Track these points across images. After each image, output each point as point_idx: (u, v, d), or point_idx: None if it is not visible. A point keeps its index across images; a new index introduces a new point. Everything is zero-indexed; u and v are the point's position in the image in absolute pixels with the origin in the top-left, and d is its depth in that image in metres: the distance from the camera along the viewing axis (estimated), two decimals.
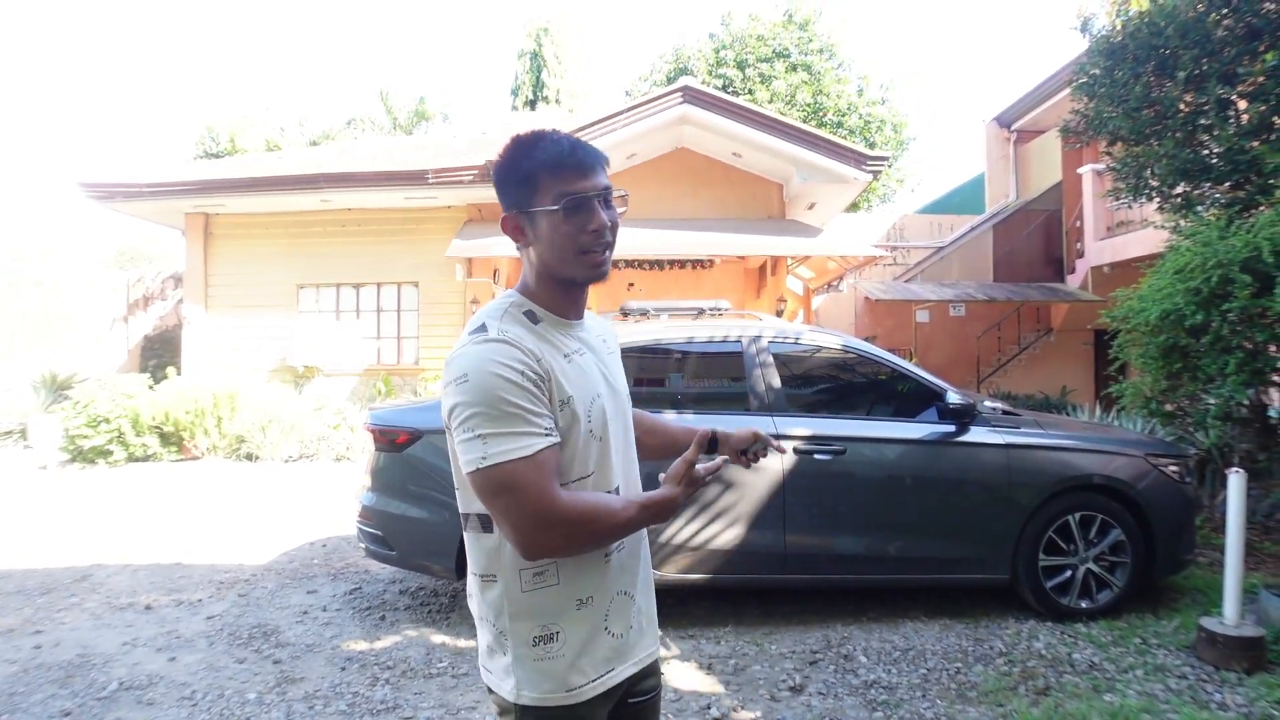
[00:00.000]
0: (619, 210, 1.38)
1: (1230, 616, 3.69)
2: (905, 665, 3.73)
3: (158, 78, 63.83)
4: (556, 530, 1.23)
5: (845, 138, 18.49)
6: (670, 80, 18.76)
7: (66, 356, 14.27)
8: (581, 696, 1.35)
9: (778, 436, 4.12)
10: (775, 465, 4.11)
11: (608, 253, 1.36)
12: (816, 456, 4.14)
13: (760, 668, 3.71)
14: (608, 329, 1.56)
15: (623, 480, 1.43)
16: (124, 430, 9.89)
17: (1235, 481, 3.71)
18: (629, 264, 14.75)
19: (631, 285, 15.07)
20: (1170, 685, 3.46)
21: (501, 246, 11.30)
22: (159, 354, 14.99)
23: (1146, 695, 3.36)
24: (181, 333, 13.04)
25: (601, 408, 1.37)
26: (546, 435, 1.25)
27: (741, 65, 22.31)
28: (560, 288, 1.39)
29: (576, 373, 1.35)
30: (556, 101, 25.36)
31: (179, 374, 11.77)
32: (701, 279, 13.24)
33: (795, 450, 4.13)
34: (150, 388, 10.54)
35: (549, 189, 1.30)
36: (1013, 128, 16.51)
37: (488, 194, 11.77)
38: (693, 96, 11.05)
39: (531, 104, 25.42)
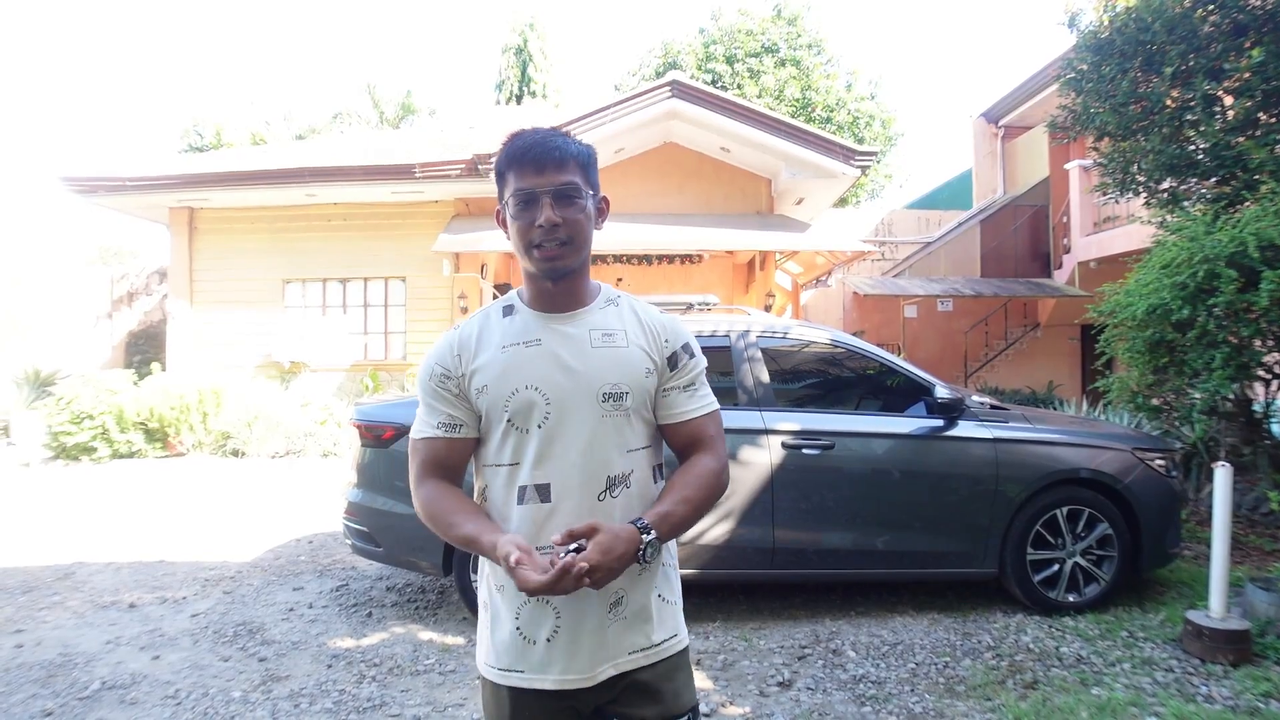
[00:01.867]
0: (585, 214, 1.38)
1: (1216, 610, 3.71)
2: (894, 660, 3.73)
3: (142, 71, 63.23)
4: (419, 508, 1.43)
5: (834, 133, 18.50)
6: (659, 75, 18.72)
7: (50, 353, 14.13)
8: (493, 678, 1.42)
9: (766, 431, 4.11)
10: (764, 460, 4.10)
11: (563, 249, 1.36)
12: (804, 451, 4.13)
13: (749, 663, 3.70)
14: (628, 324, 1.46)
15: (556, 479, 1.37)
16: (108, 427, 9.80)
17: (1221, 475, 3.73)
18: (617, 259, 14.71)
19: (620, 280, 15.04)
20: (1157, 678, 3.47)
21: (489, 241, 11.25)
22: (143, 350, 14.86)
23: (1134, 688, 3.37)
24: (166, 328, 12.93)
25: (528, 400, 1.36)
26: (433, 428, 1.43)
27: (731, 60, 22.29)
28: (529, 280, 1.44)
29: (506, 365, 1.38)
30: (543, 96, 25.27)
31: (164, 370, 11.66)
32: (690, 274, 13.23)
33: (784, 445, 4.12)
34: (134, 384, 10.44)
35: (509, 185, 1.37)
36: (1000, 123, 16.57)
37: (475, 188, 11.73)
38: (681, 91, 11.02)
39: (518, 99, 25.32)
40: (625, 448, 1.41)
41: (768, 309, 11.63)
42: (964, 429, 4.24)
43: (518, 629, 1.39)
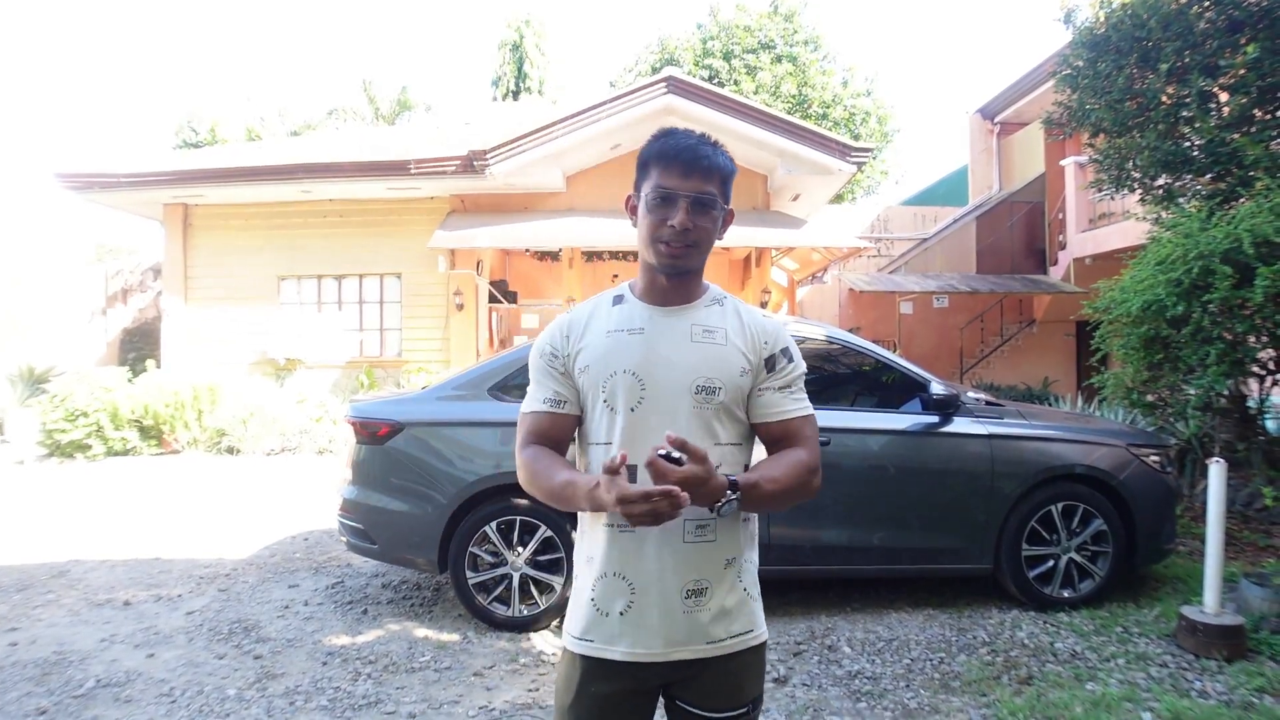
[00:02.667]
0: (715, 224, 1.46)
1: (1210, 605, 3.73)
2: (889, 655, 3.74)
3: (136, 67, 62.93)
4: (520, 472, 1.52)
5: (830, 129, 18.50)
6: (656, 71, 18.69)
7: (44, 350, 14.07)
8: (570, 646, 1.50)
9: None
10: (761, 456, 4.09)
11: (688, 251, 1.44)
12: None
13: None
14: (730, 324, 1.50)
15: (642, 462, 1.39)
16: (102, 424, 9.76)
17: (1216, 471, 3.74)
18: (613, 255, 14.71)
19: (616, 276, 15.04)
20: (1152, 673, 3.48)
21: (485, 238, 11.23)
22: (138, 347, 14.82)
23: (1128, 684, 3.38)
24: (161, 325, 12.87)
25: (623, 384, 1.44)
26: (539, 402, 1.53)
27: (728, 56, 22.27)
28: (645, 272, 1.52)
29: (609, 348, 1.47)
30: (539, 93, 25.22)
31: (158, 367, 11.62)
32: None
33: None
34: (129, 381, 10.40)
35: (651, 179, 1.44)
36: (996, 120, 16.57)
37: (470, 184, 11.69)
38: (677, 87, 11.00)
39: (514, 95, 25.27)
40: (713, 440, 1.45)
41: (764, 305, 11.62)
42: (959, 425, 4.24)
43: (593, 600, 1.47)
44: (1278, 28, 6.18)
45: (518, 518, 4.11)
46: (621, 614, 1.44)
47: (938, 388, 4.25)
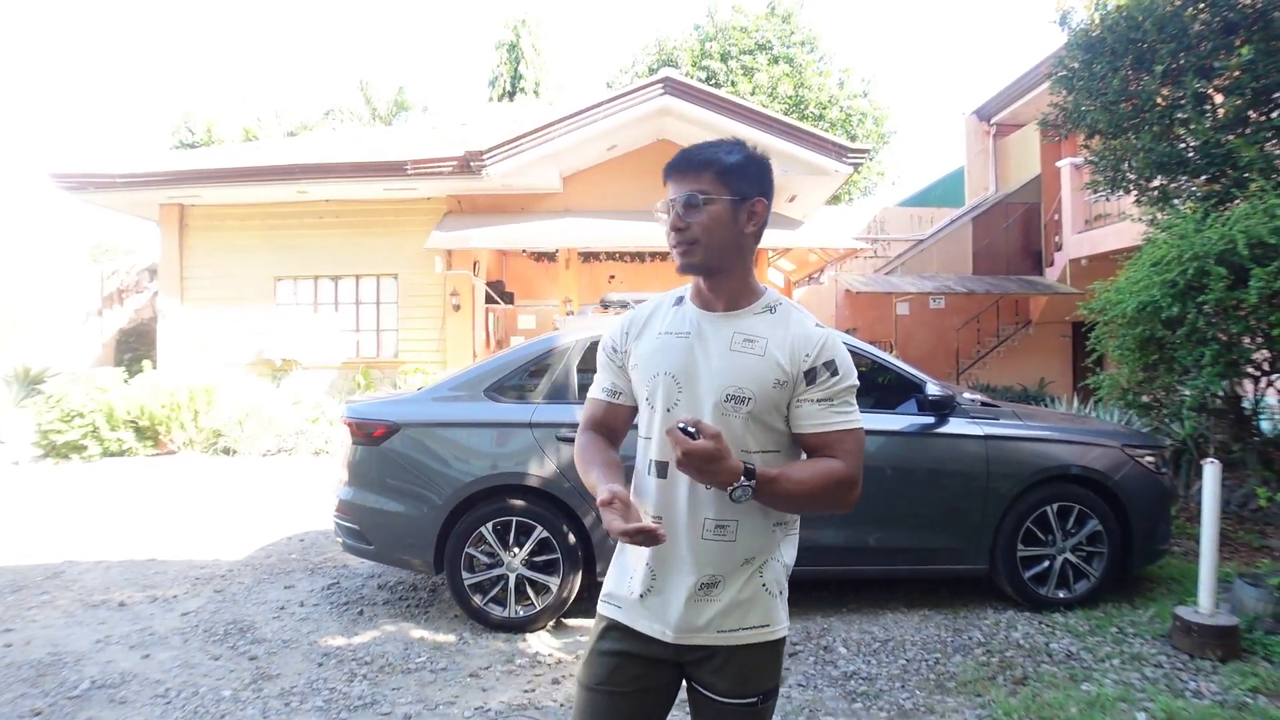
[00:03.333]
0: (715, 218, 1.49)
1: (1205, 605, 3.74)
2: (884, 656, 3.75)
3: (134, 67, 62.83)
4: (575, 454, 1.65)
5: (827, 130, 18.51)
6: (653, 71, 18.70)
7: (39, 350, 14.04)
8: (600, 608, 1.63)
9: None
10: None
11: (691, 248, 1.50)
12: None
13: None
14: (775, 333, 1.52)
15: (671, 460, 1.45)
16: (98, 425, 9.74)
17: (1210, 472, 3.75)
18: (610, 256, 14.72)
19: (612, 278, 15.06)
20: (1146, 674, 3.49)
21: (481, 238, 11.22)
22: (134, 348, 14.78)
23: (1123, 684, 3.39)
24: (157, 326, 12.85)
25: (663, 385, 1.52)
26: (600, 390, 1.67)
27: (725, 57, 22.28)
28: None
29: (656, 349, 1.56)
30: (535, 93, 25.22)
31: (154, 368, 11.60)
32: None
33: None
34: (125, 381, 10.38)
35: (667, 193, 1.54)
36: (992, 121, 16.60)
37: (467, 185, 11.69)
38: (674, 88, 11.01)
39: (510, 95, 25.27)
40: (740, 447, 1.46)
41: None
42: (955, 426, 4.25)
43: (629, 576, 1.58)
44: (1272, 29, 6.20)
45: (514, 518, 4.11)
46: (641, 597, 1.54)
47: (933, 388, 4.25)
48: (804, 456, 1.55)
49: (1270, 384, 5.48)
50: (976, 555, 4.25)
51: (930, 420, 4.26)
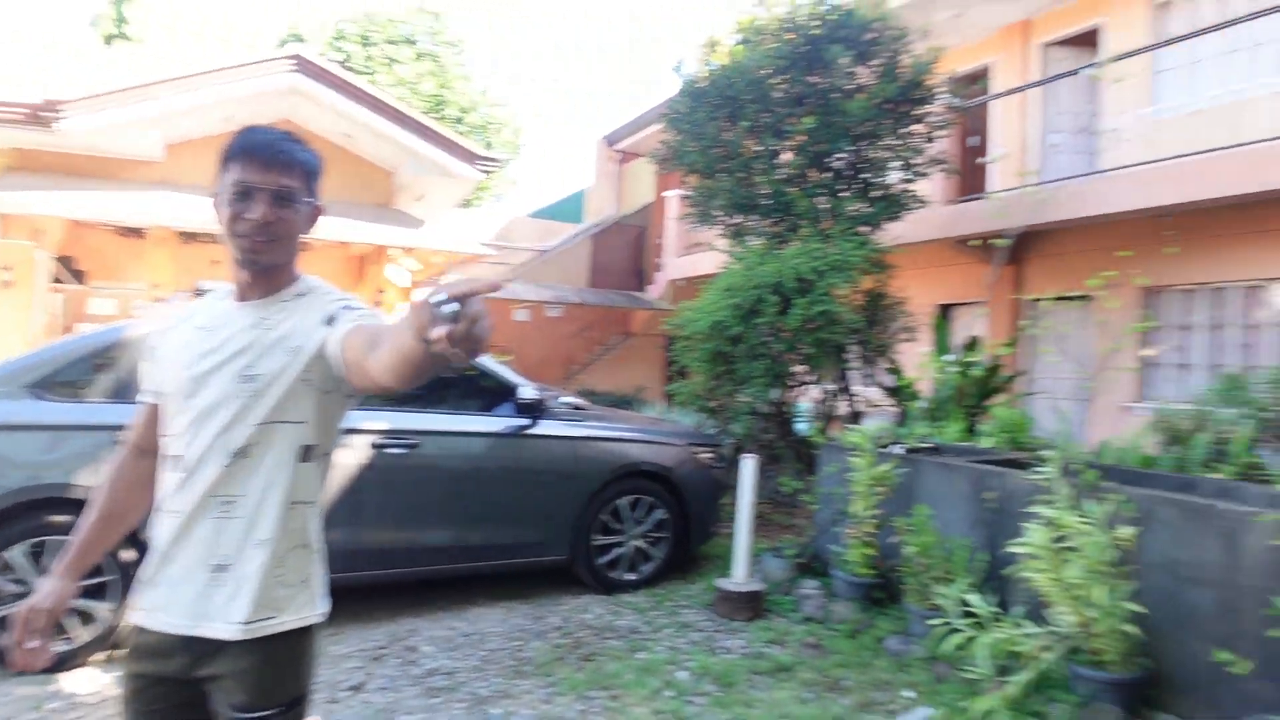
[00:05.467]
0: (299, 217, 1.47)
1: (739, 576, 4.40)
2: (467, 650, 3.78)
3: None
4: None
5: (465, 134, 18.49)
6: (284, 44, 16.96)
7: None
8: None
9: (354, 431, 3.86)
10: (351, 460, 3.87)
11: (270, 245, 1.43)
12: (389, 450, 4.01)
13: (321, 672, 3.43)
14: (299, 312, 1.48)
15: (186, 452, 1.42)
16: None
17: (746, 465, 4.46)
18: (215, 241, 12.92)
19: (216, 262, 13.24)
20: (692, 638, 4.00)
21: (45, 204, 9.06)
22: None
23: (672, 649, 3.84)
24: None
25: (170, 376, 1.47)
26: (145, 393, 1.59)
27: (366, 42, 21.09)
28: (233, 265, 1.49)
29: (174, 342, 1.53)
30: (142, 42, 21.32)
31: None
32: (298, 262, 12.15)
33: (372, 445, 3.97)
34: None
35: (232, 173, 1.42)
36: (617, 147, 18.03)
37: (37, 138, 9.35)
38: (307, 68, 10.07)
39: (111, 40, 21.05)
40: (254, 421, 1.42)
41: (377, 305, 11.14)
42: (545, 428, 4.48)
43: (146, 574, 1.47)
44: (830, 106, 7.57)
45: (52, 538, 3.33)
46: (156, 586, 1.43)
47: (526, 392, 4.42)
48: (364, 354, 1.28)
49: (804, 393, 6.70)
50: (558, 547, 4.50)
51: (523, 422, 4.42)
